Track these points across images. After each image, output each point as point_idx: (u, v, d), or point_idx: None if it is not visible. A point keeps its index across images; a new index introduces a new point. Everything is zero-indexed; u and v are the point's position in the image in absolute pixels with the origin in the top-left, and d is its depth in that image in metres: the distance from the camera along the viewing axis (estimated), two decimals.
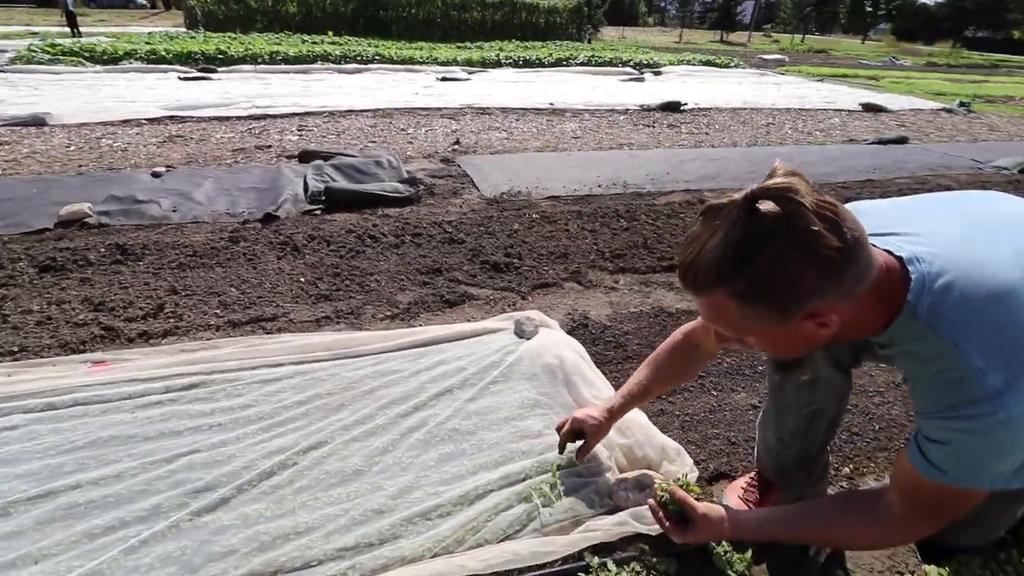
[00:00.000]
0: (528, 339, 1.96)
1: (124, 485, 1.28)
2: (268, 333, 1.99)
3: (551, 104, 7.17)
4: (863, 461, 1.56)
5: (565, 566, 1.18)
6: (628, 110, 7.26)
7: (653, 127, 6.32)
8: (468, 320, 2.15)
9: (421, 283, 2.41)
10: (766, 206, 0.65)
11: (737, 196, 0.70)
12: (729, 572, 1.22)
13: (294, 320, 2.08)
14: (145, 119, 5.34)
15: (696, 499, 1.09)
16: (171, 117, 5.49)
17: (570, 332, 2.09)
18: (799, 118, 7.44)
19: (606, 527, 1.26)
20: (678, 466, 1.44)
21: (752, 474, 1.41)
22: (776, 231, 0.65)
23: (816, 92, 10.24)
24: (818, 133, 6.52)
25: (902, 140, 6.16)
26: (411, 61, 10.70)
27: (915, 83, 12.85)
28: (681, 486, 1.15)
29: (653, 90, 9.20)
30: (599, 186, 3.82)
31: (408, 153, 4.47)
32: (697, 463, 1.49)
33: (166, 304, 2.11)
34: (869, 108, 8.40)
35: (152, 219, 2.88)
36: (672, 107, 7.40)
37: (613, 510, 1.33)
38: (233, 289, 2.26)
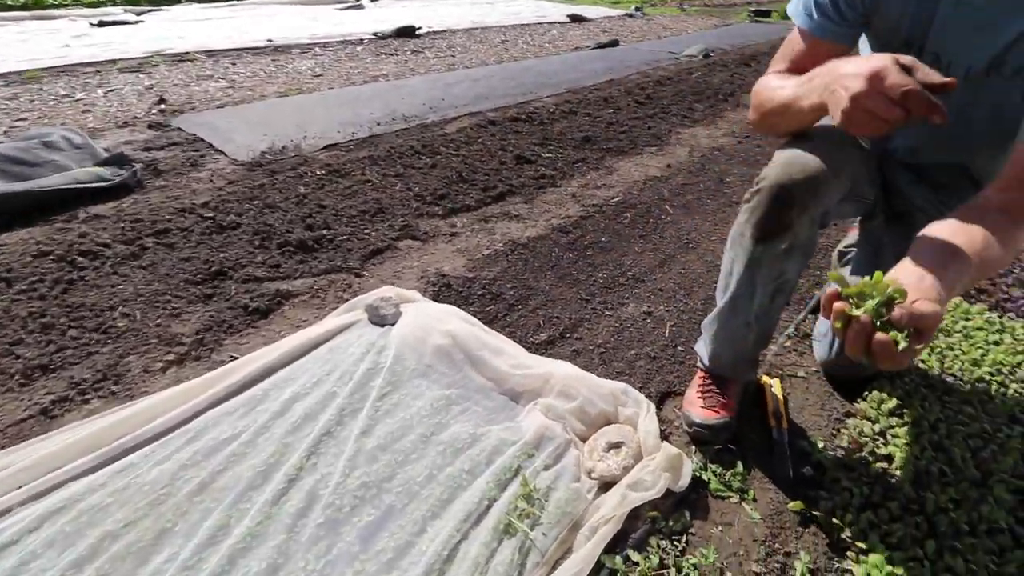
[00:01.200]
0: (393, 324, 1.52)
1: None
2: None
3: (270, 41, 5.94)
4: None
5: None
6: (363, 40, 6.48)
7: (397, 54, 5.77)
8: (298, 327, 1.58)
9: (202, 297, 1.68)
10: None
11: None
12: (729, 492, 1.12)
13: None
14: None
15: None
16: None
17: (435, 299, 1.70)
18: (525, 33, 7.72)
19: (610, 514, 1.02)
20: (632, 407, 1.27)
21: (699, 378, 1.30)
22: None
23: (527, 8, 10.79)
24: (548, 45, 6.86)
25: (615, 43, 6.91)
26: (41, 5, 7.63)
27: None
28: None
29: (379, 16, 8.44)
30: (378, 124, 3.27)
31: (91, 126, 3.14)
32: (644, 392, 1.34)
33: None
34: (575, 18, 9.22)
35: None
36: (407, 32, 6.88)
37: (603, 486, 1.10)
38: None
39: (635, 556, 0.98)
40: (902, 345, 0.62)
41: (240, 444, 1.15)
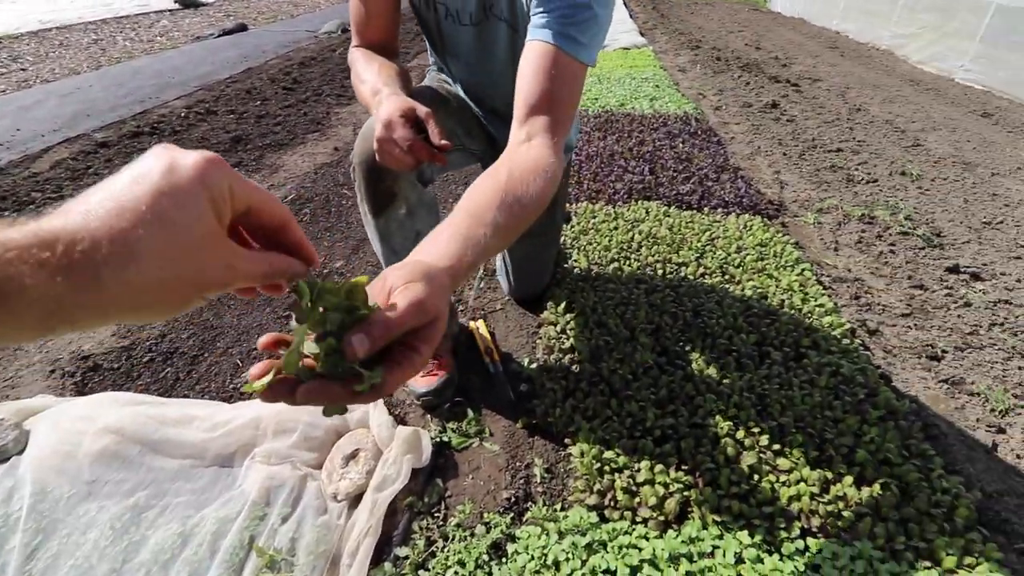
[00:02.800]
0: (20, 452, 1.12)
1: None
2: None
3: None
4: None
5: None
6: None
7: None
8: None
9: None
10: None
11: None
12: (469, 439, 1.20)
13: None
14: None
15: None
16: None
17: (81, 393, 1.31)
18: (124, 28, 6.34)
19: (364, 527, 0.97)
20: (359, 411, 1.22)
21: None
22: None
23: None
24: (160, 39, 5.78)
25: (243, 27, 6.23)
26: None
27: None
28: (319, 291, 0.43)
29: None
30: None
31: None
32: None
33: None
34: (187, 3, 7.97)
35: None
36: None
37: (354, 501, 1.04)
38: None
39: (402, 552, 0.97)
40: (366, 385, 0.41)
41: None
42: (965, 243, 2.07)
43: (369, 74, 1.00)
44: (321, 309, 0.42)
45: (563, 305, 1.52)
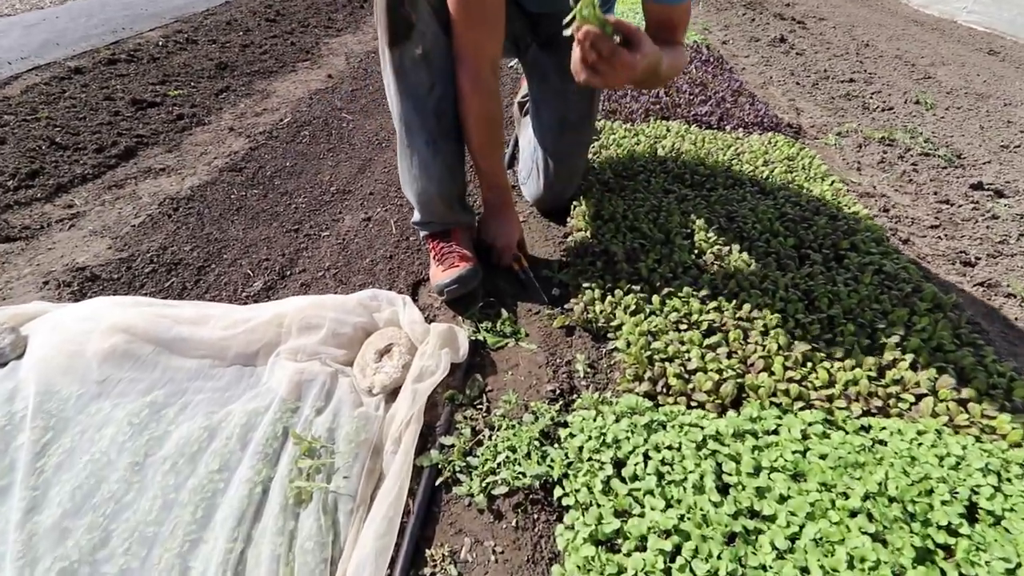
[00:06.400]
0: (20, 356, 1.03)
1: None
2: None
3: None
4: None
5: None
6: None
7: None
8: None
9: None
10: None
11: None
12: (505, 339, 1.14)
13: None
14: None
15: None
16: None
17: (79, 300, 1.21)
18: None
19: (406, 416, 0.91)
20: (388, 307, 1.14)
21: (431, 248, 1.27)
22: None
23: None
24: None
25: None
26: None
27: None
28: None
29: None
30: None
31: None
32: (395, 291, 1.22)
33: None
34: None
35: None
36: None
37: (391, 395, 0.98)
38: None
39: (448, 440, 0.91)
40: (608, 33, 0.77)
41: None
42: (986, 163, 2.03)
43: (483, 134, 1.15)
44: None
45: (591, 211, 1.44)
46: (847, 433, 0.88)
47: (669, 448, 0.83)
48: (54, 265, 1.34)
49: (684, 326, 1.10)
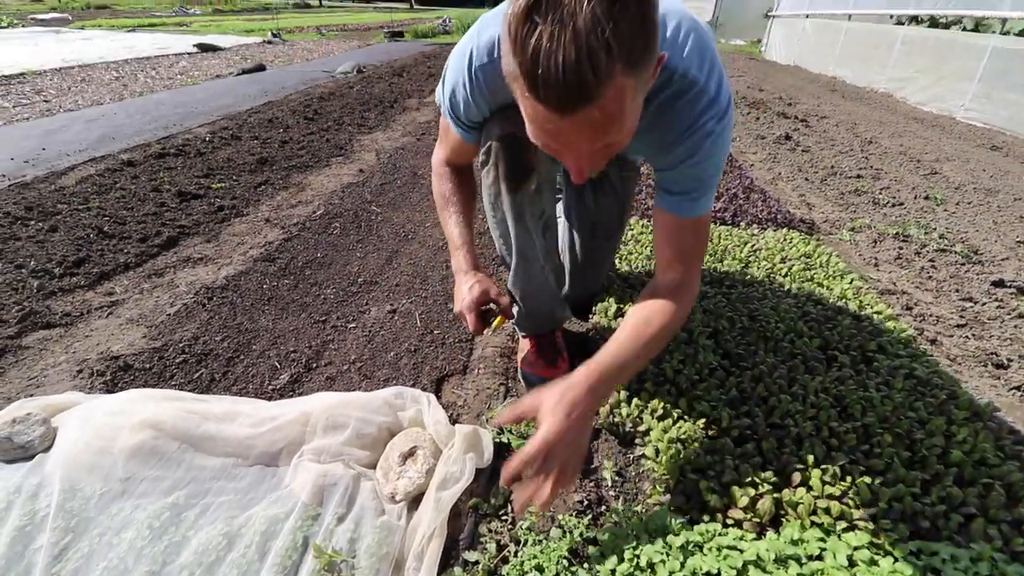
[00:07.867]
0: (48, 449, 1.03)
1: None
2: None
3: None
4: None
5: None
6: None
7: None
8: None
9: None
10: None
11: None
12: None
13: None
14: None
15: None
16: None
17: (111, 391, 1.23)
18: (146, 67, 6.52)
19: (429, 529, 0.88)
20: (412, 406, 1.14)
21: (531, 345, 1.31)
22: None
23: (140, 41, 9.18)
24: (180, 76, 5.94)
25: (261, 67, 6.43)
26: None
27: (221, 24, 13.43)
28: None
29: None
30: None
31: None
32: (419, 387, 1.23)
33: None
34: (206, 48, 8.26)
35: None
36: None
37: (414, 501, 0.95)
38: None
39: (472, 556, 0.88)
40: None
41: None
42: (1004, 260, 2.05)
43: (449, 212, 1.11)
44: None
45: (612, 309, 1.46)
46: (895, 560, 0.82)
47: (707, 575, 0.79)
48: (89, 353, 1.38)
49: (713, 432, 1.07)
